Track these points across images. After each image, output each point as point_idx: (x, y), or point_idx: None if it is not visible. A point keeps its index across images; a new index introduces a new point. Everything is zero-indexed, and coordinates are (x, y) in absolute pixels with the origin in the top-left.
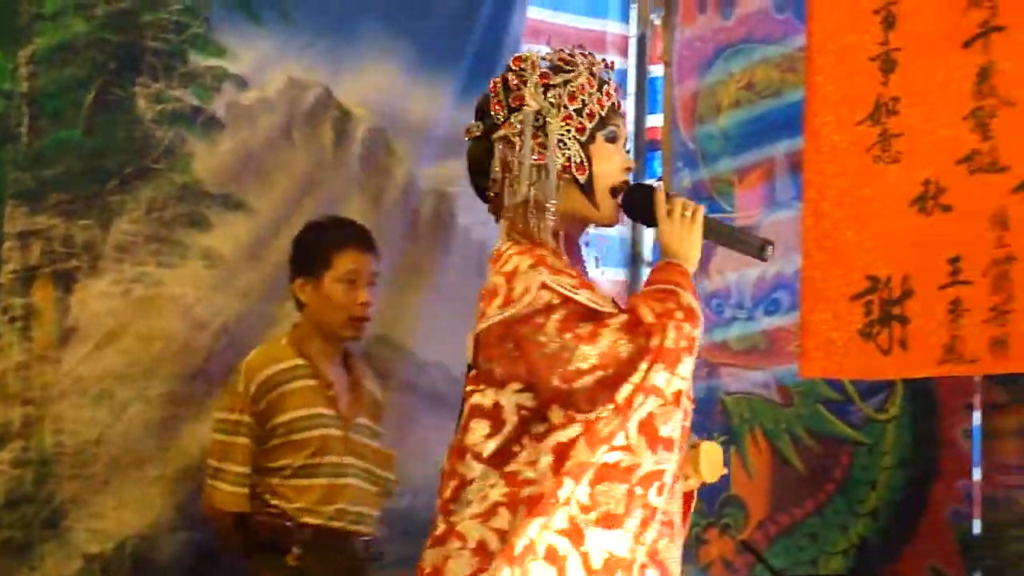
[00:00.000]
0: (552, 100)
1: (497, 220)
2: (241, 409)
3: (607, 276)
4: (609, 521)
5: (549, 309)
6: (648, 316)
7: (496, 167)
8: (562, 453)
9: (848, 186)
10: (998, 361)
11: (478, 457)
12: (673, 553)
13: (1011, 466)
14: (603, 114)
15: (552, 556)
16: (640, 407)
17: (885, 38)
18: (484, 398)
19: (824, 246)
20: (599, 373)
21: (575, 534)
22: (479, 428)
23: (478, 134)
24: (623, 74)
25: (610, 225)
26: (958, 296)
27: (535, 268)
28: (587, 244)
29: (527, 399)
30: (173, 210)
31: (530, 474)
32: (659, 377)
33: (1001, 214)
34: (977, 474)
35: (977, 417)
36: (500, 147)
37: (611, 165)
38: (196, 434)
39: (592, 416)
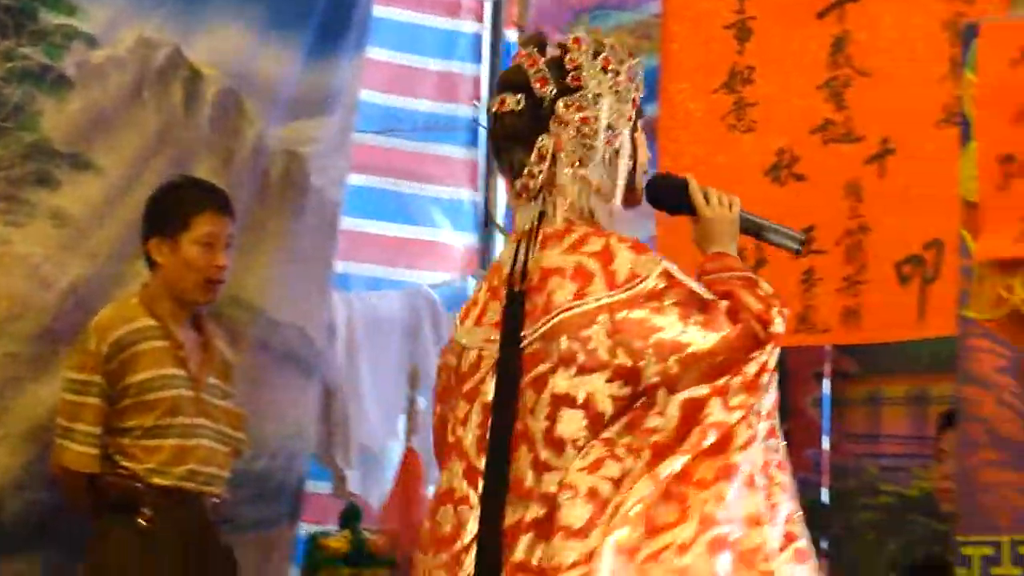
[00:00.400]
0: (617, 87)
1: (528, 197)
2: (92, 369)
3: (460, 240)
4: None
5: (660, 294)
6: (755, 304)
7: (546, 145)
8: (690, 409)
9: (703, 154)
10: (850, 331)
11: (579, 449)
12: (786, 478)
13: (859, 435)
14: (639, 102)
15: (669, 495)
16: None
17: (740, 6)
18: (569, 386)
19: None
20: (709, 360)
21: (685, 474)
22: (574, 419)
23: (518, 109)
24: (477, 39)
25: (632, 207)
26: (811, 266)
27: (642, 252)
28: None
29: (617, 388)
30: (21, 169)
31: (656, 422)
32: (774, 360)
33: (855, 184)
34: (826, 443)
35: (826, 386)
36: (556, 126)
37: (644, 153)
38: (42, 394)
39: (721, 383)
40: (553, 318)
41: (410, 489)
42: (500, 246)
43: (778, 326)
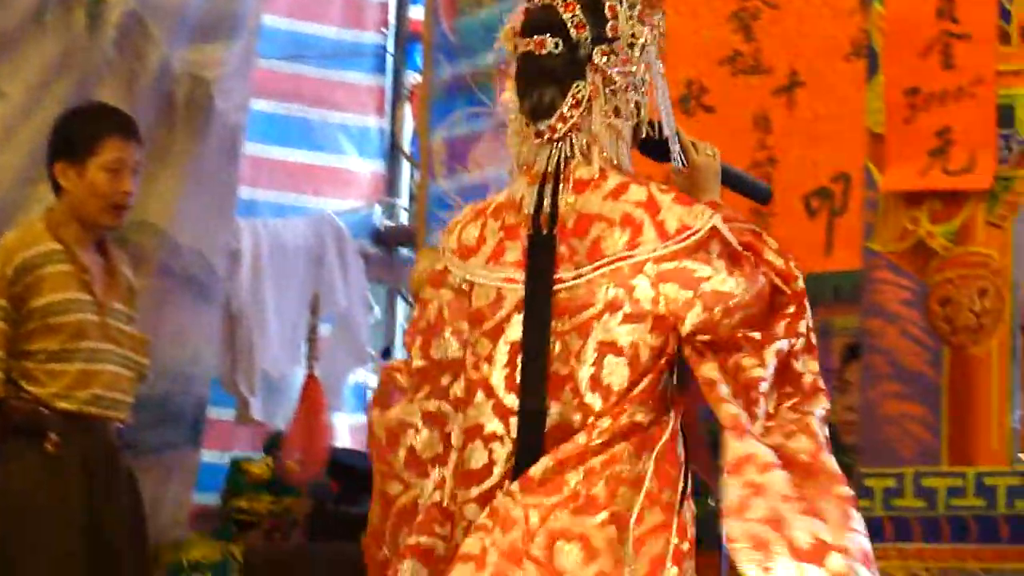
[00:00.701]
0: (650, 39)
1: (549, 139)
2: None
3: (366, 167)
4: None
5: (706, 244)
6: (775, 259)
7: (582, 91)
8: (783, 360)
9: None
10: None
11: (624, 396)
12: None
13: None
14: None
15: None
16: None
17: None
18: (615, 334)
19: None
20: (745, 310)
21: None
22: (619, 367)
23: (556, 52)
24: None
25: None
26: None
27: (688, 203)
28: None
29: (654, 338)
30: None
31: (758, 373)
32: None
33: (764, 116)
34: None
35: None
36: (592, 73)
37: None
38: None
39: (794, 341)
40: (604, 266)
41: (312, 417)
42: (406, 174)
43: (801, 282)
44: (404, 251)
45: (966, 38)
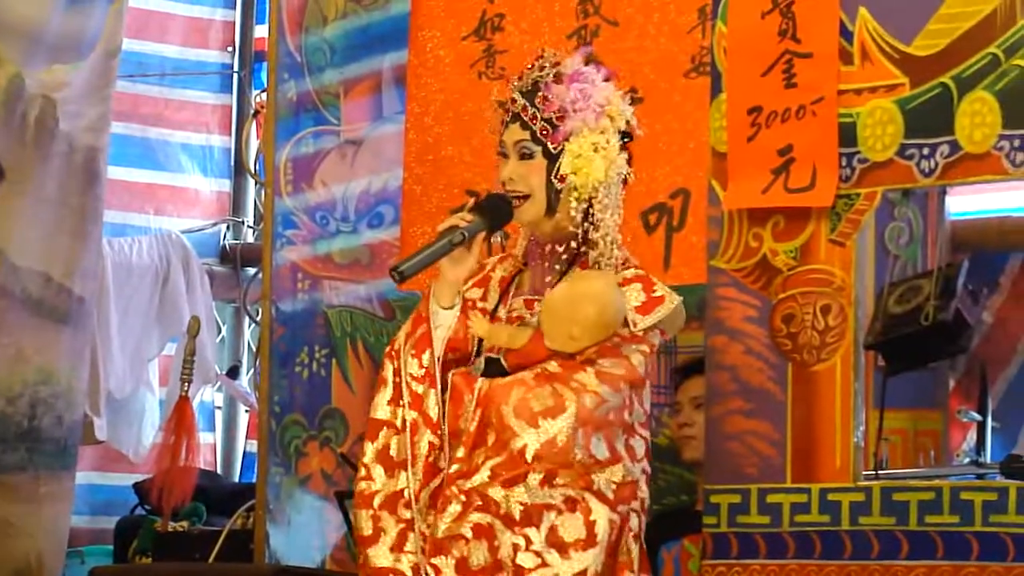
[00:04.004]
0: None
1: None
2: None
3: (210, 186)
4: None
5: None
6: None
7: None
8: None
9: (450, 101)
10: None
11: None
12: None
13: None
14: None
15: None
16: None
17: None
18: None
19: (425, 160)
20: None
21: None
22: None
23: None
24: None
25: None
26: None
27: None
28: None
29: None
30: None
31: None
32: None
33: None
34: None
35: None
36: None
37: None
38: None
39: None
40: None
41: (182, 436)
42: (252, 192)
43: None
44: (250, 269)
45: (807, 57)
